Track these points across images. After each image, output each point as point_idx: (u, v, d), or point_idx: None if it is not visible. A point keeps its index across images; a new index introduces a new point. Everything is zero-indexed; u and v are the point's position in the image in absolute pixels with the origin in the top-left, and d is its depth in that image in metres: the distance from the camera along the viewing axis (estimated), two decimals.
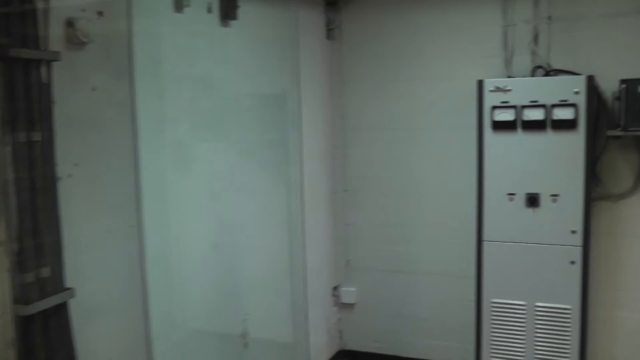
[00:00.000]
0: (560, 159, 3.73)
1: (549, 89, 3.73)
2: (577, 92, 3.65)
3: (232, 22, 3.49)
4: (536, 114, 3.74)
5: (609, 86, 3.86)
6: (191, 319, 3.30)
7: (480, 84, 3.86)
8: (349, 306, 4.87)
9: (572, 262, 3.75)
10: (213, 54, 3.44)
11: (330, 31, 4.65)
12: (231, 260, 3.60)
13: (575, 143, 3.68)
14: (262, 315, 3.88)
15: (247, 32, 3.67)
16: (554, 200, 3.76)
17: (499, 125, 3.83)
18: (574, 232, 3.73)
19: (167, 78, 3.11)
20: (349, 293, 4.85)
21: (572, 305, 3.79)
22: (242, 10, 3.53)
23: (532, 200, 3.80)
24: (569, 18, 4.02)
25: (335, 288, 4.86)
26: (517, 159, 3.83)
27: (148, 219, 2.89)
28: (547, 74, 4.03)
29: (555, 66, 4.03)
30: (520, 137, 3.80)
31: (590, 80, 3.66)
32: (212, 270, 3.44)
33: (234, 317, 3.62)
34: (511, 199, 3.85)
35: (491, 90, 3.83)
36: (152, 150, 2.94)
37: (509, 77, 4.10)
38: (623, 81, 3.60)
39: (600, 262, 4.05)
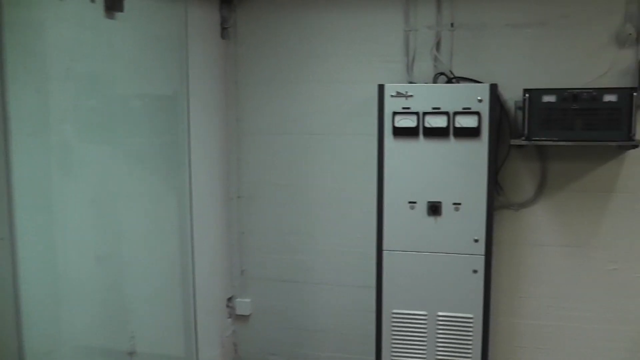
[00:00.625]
0: (463, 167, 3.69)
1: (452, 96, 3.67)
2: (480, 100, 3.61)
3: (118, 14, 3.20)
4: (439, 121, 3.68)
5: (511, 95, 3.87)
6: (75, 336, 3.03)
7: (381, 88, 3.75)
8: (244, 318, 4.67)
9: (475, 271, 3.72)
10: (99, 48, 3.13)
11: (225, 30, 4.42)
12: (118, 272, 3.33)
13: (478, 151, 3.65)
14: (152, 330, 3.62)
15: (136, 26, 3.39)
16: (457, 209, 3.72)
17: (400, 132, 3.74)
18: (476, 241, 3.70)
19: (48, 73, 2.80)
20: (243, 304, 4.64)
21: (474, 314, 3.75)
22: (129, 2, 3.24)
23: (434, 209, 3.74)
24: (472, 26, 4.01)
25: (230, 299, 4.63)
26: (418, 167, 3.76)
27: (22, 230, 2.59)
28: (449, 81, 3.98)
29: (458, 74, 4.00)
30: (422, 144, 3.73)
31: (494, 89, 3.63)
32: (97, 284, 3.16)
33: (121, 333, 3.35)
34: (412, 208, 3.77)
35: (392, 96, 3.73)
36: (28, 152, 2.65)
37: (410, 82, 4.03)
38: (526, 91, 3.60)
39: (502, 270, 4.07)
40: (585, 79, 3.80)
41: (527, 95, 3.58)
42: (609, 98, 3.51)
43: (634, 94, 3.48)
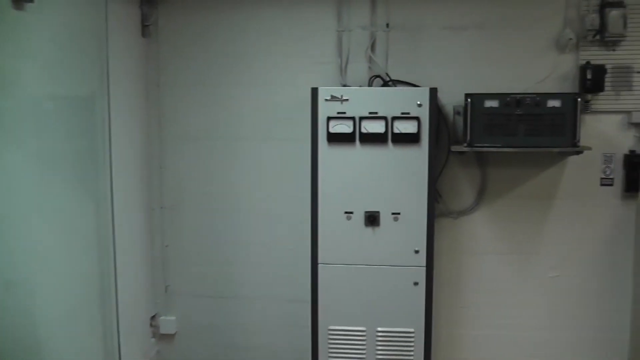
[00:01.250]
0: (402, 175, 3.52)
1: (390, 101, 3.49)
2: (420, 105, 3.44)
3: (28, 5, 2.85)
4: (376, 127, 3.48)
5: (450, 100, 3.76)
6: None
7: (314, 92, 3.53)
8: (169, 337, 4.35)
9: (416, 284, 3.56)
10: (5, 43, 2.78)
11: (147, 28, 4.09)
12: (30, 298, 2.97)
13: (418, 158, 3.49)
14: (68, 357, 3.28)
15: (48, 19, 3.05)
16: (396, 219, 3.53)
17: (335, 138, 3.53)
18: (417, 252, 3.54)
19: None
20: (168, 322, 4.32)
21: (415, 328, 3.59)
22: None
23: (372, 219, 3.54)
24: (408, 27, 3.87)
25: (154, 317, 4.31)
26: (355, 175, 3.56)
27: None
28: (385, 84, 3.81)
29: (394, 77, 3.84)
30: (358, 151, 3.53)
31: (434, 93, 3.47)
32: (5, 314, 2.79)
33: None
34: (349, 218, 3.57)
35: (327, 100, 3.52)
36: None
37: (344, 85, 3.84)
38: (468, 95, 3.45)
39: (442, 280, 3.93)
40: (525, 84, 3.71)
41: (469, 100, 3.44)
42: (553, 103, 3.41)
43: (579, 99, 3.38)
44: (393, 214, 3.53)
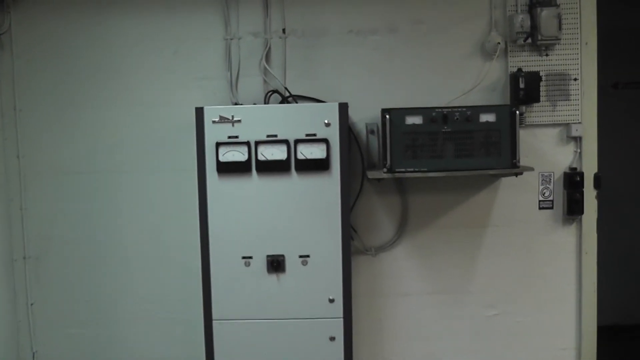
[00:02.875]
0: (309, 210, 2.95)
1: (292, 120, 2.91)
2: (328, 124, 2.88)
3: None
4: (276, 153, 2.90)
5: (361, 117, 3.28)
6: None
7: (199, 113, 2.94)
8: None
9: (332, 339, 3.00)
10: None
11: None
12: None
13: (328, 188, 2.93)
14: None
15: None
16: (304, 263, 2.95)
17: (226, 168, 2.93)
18: (332, 300, 2.97)
19: None
20: None
21: None
22: None
23: (276, 265, 2.96)
24: (309, 33, 3.35)
25: None
26: (253, 212, 2.97)
27: None
28: (284, 100, 3.24)
29: (294, 91, 3.28)
30: (256, 182, 2.93)
31: (344, 110, 2.92)
32: None
33: None
34: (247, 264, 2.98)
35: (215, 122, 2.92)
36: None
37: (236, 104, 3.25)
38: (386, 111, 2.91)
39: (362, 330, 3.41)
40: (448, 96, 3.27)
41: (386, 116, 2.89)
42: (487, 118, 2.93)
43: (517, 112, 2.88)
44: (301, 256, 2.96)
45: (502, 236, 3.41)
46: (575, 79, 3.27)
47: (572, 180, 3.29)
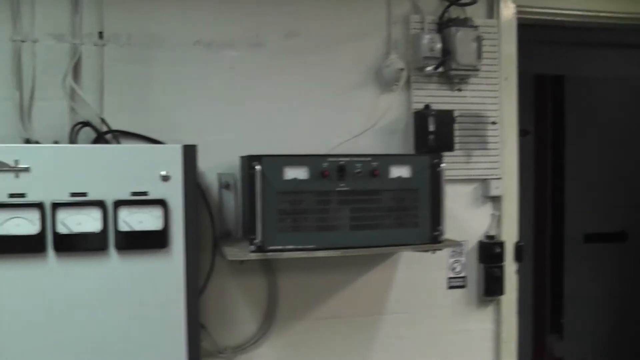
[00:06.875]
0: (136, 308, 1.92)
1: (112, 170, 1.87)
2: (166, 178, 1.88)
3: None
4: (85, 221, 1.85)
5: (212, 164, 2.33)
6: None
7: None
8: None
9: None
10: None
11: None
12: None
13: (166, 274, 1.92)
14: None
15: None
16: None
17: (5, 245, 1.84)
18: None
19: None
20: None
21: None
22: None
23: None
24: (139, 40, 2.32)
25: None
26: (49, 314, 1.88)
27: None
28: (100, 138, 2.18)
29: (116, 125, 2.24)
30: (53, 268, 1.86)
31: (191, 154, 1.93)
32: None
33: None
34: None
35: None
36: None
37: (27, 141, 2.14)
38: (254, 158, 1.96)
39: None
40: (332, 139, 2.41)
41: (256, 167, 1.94)
42: (400, 172, 2.08)
43: (441, 164, 2.05)
44: None
45: (402, 326, 2.58)
46: (493, 122, 2.54)
47: (490, 251, 2.56)
